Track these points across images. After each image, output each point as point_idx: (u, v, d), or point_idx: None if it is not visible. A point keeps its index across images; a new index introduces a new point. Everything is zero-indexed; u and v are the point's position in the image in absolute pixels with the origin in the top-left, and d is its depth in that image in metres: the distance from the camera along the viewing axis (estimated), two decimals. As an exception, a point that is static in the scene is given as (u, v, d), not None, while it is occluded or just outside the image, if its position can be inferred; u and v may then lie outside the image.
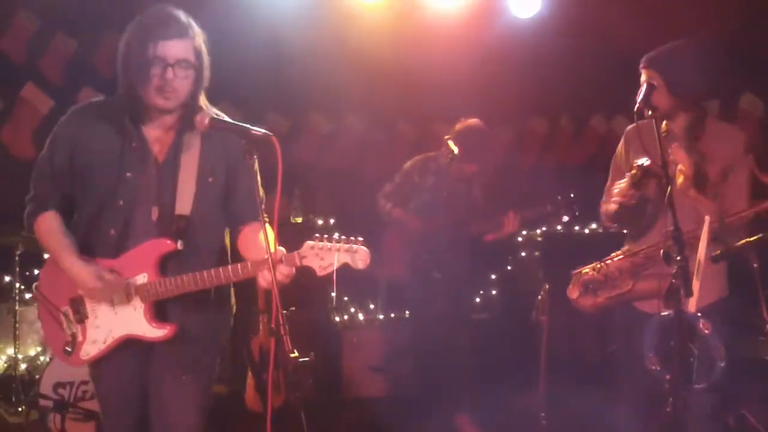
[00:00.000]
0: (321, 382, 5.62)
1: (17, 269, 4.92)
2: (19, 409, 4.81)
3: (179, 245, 2.69)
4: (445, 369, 4.93)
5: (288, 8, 5.64)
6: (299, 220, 6.32)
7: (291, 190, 6.31)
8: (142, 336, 2.71)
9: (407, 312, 6.11)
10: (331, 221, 6.48)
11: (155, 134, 2.72)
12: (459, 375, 4.92)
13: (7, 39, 5.87)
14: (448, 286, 4.88)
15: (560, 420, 3.84)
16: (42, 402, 4.37)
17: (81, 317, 2.75)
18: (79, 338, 2.74)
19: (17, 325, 4.88)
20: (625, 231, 3.50)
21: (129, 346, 2.73)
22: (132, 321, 2.71)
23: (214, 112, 2.68)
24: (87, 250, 2.72)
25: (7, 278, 5.08)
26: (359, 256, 2.60)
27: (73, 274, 2.68)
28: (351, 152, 7.27)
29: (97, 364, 2.77)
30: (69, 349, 2.75)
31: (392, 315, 6.18)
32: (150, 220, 2.71)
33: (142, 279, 2.70)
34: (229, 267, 2.66)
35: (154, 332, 2.71)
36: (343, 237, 2.61)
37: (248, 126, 2.50)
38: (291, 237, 2.68)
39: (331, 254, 2.59)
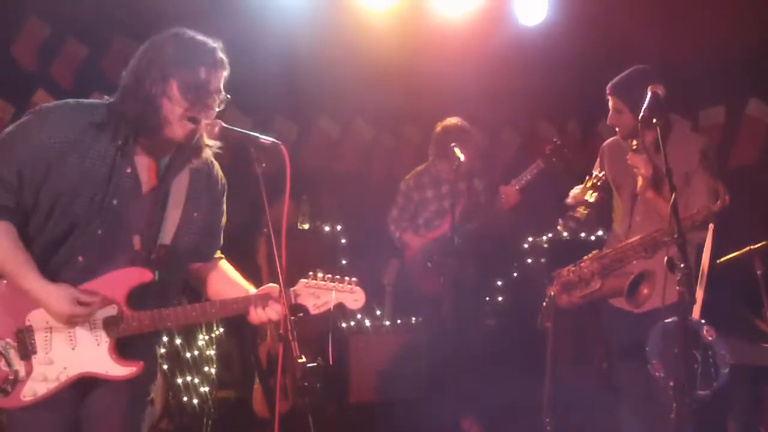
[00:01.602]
0: (328, 388, 5.65)
1: None
2: None
3: (156, 276, 2.50)
4: (453, 373, 4.95)
5: (297, 15, 5.66)
6: (306, 226, 6.34)
7: (299, 195, 6.33)
8: (103, 374, 2.44)
9: (413, 318, 6.14)
10: (338, 227, 6.50)
11: (147, 161, 2.50)
12: (467, 379, 4.94)
13: (18, 45, 5.92)
14: (455, 290, 4.90)
15: (565, 426, 3.84)
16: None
17: (27, 352, 2.40)
18: (22, 376, 2.39)
19: None
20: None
21: (74, 385, 2.43)
22: (94, 357, 2.43)
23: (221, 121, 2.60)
24: (45, 272, 2.39)
25: None
26: (355, 296, 2.62)
27: (39, 296, 2.35)
28: (359, 157, 7.29)
29: (34, 406, 2.40)
30: (8, 389, 2.38)
31: (398, 321, 6.20)
32: (131, 249, 2.48)
33: (110, 311, 2.45)
34: (218, 303, 2.53)
35: (119, 371, 2.45)
36: (337, 277, 2.62)
37: (257, 134, 2.48)
38: (298, 244, 2.69)
39: (328, 293, 2.58)
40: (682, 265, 2.75)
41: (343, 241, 6.34)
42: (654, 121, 3.11)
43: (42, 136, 2.37)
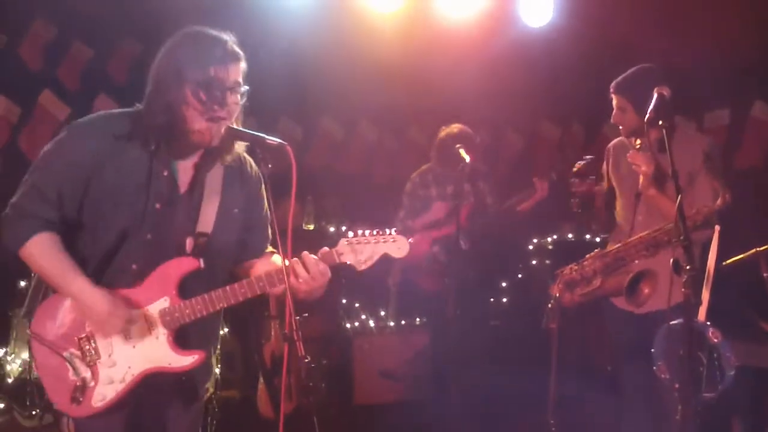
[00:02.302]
0: (333, 388, 5.65)
1: (33, 274, 4.95)
2: (34, 412, 4.85)
3: (201, 263, 2.52)
4: (457, 374, 4.95)
5: (303, 16, 5.68)
6: (311, 227, 6.35)
7: (304, 196, 6.34)
8: (167, 368, 2.47)
9: (417, 319, 6.15)
10: (343, 228, 6.51)
11: (182, 162, 2.54)
12: (471, 380, 4.94)
13: (25, 47, 5.95)
14: (458, 291, 4.90)
15: (570, 427, 3.84)
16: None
17: (92, 358, 2.44)
18: (91, 383, 2.43)
19: (32, 330, 4.92)
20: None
21: (143, 383, 2.46)
22: (155, 352, 2.46)
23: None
24: (100, 284, 2.44)
25: (22, 283, 5.12)
26: (398, 245, 2.54)
27: (83, 300, 2.40)
28: (363, 158, 7.30)
29: (102, 414, 2.43)
30: (79, 397, 2.41)
31: (403, 322, 6.21)
32: (183, 252, 2.52)
33: (163, 303, 2.48)
34: (263, 275, 2.49)
35: (182, 361, 2.48)
36: (376, 230, 2.55)
37: (263, 135, 2.47)
38: (303, 245, 2.68)
39: (370, 247, 2.53)
40: (688, 267, 2.74)
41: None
42: (660, 122, 3.11)
43: (77, 152, 2.42)
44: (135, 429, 2.52)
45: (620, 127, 3.72)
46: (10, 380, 4.99)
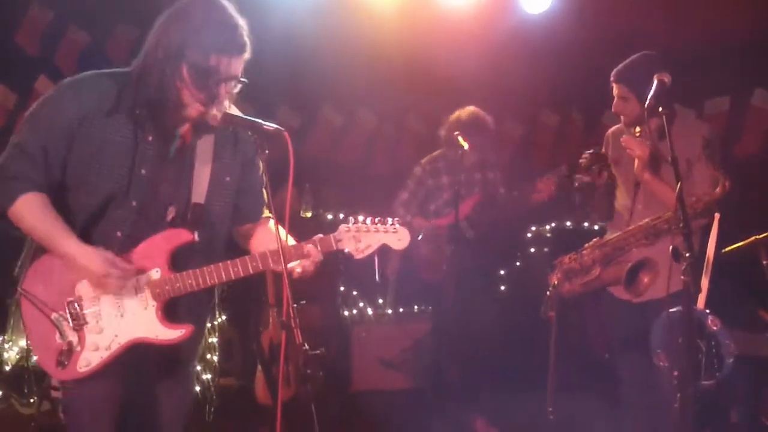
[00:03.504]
0: (331, 376, 5.65)
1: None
2: (32, 400, 4.85)
3: (196, 236, 2.48)
4: (455, 362, 4.95)
5: (301, 4, 5.64)
6: (309, 214, 6.33)
7: (302, 184, 6.32)
8: (153, 339, 2.45)
9: (416, 307, 6.14)
10: (341, 216, 6.50)
11: (167, 127, 2.48)
12: (469, 368, 4.94)
13: (21, 32, 5.91)
14: (458, 279, 4.89)
15: (568, 414, 3.84)
16: (54, 393, 4.41)
17: (79, 323, 2.42)
18: (77, 347, 2.40)
19: (30, 317, 4.91)
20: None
21: (129, 353, 2.44)
22: (142, 323, 2.43)
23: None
24: None
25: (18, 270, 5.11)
26: (399, 235, 2.51)
27: (77, 259, 2.35)
28: (362, 147, 7.28)
29: (90, 378, 2.41)
30: (64, 361, 2.39)
31: (401, 310, 6.20)
32: (164, 220, 2.49)
33: (155, 274, 2.45)
34: (257, 256, 2.45)
35: (169, 334, 2.45)
36: (378, 218, 2.52)
37: (260, 121, 2.45)
38: (300, 232, 2.66)
39: (370, 236, 2.49)
40: (687, 255, 2.73)
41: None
42: (660, 109, 3.09)
43: (63, 109, 2.38)
44: (121, 405, 2.48)
45: (621, 117, 3.69)
46: (7, 368, 4.99)
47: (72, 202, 2.43)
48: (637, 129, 3.63)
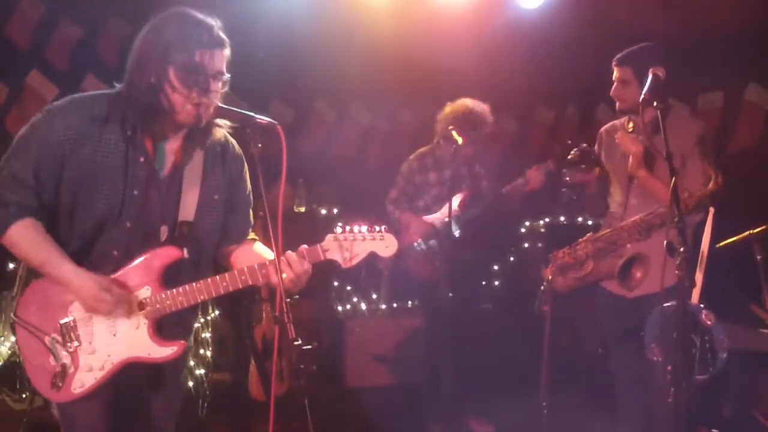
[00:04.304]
0: (324, 371, 5.65)
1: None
2: (24, 395, 4.84)
3: (185, 253, 2.50)
4: (449, 357, 4.94)
5: (294, -2, 5.62)
6: (302, 209, 6.32)
7: (295, 179, 6.31)
8: (146, 358, 2.47)
9: (410, 302, 6.14)
10: (335, 211, 6.48)
11: (165, 144, 2.51)
12: (463, 362, 4.94)
13: (12, 25, 5.86)
14: (451, 274, 4.88)
15: (562, 409, 3.84)
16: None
17: (73, 344, 2.43)
18: (70, 369, 2.42)
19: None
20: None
21: (121, 373, 2.46)
22: (135, 342, 2.45)
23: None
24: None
25: (11, 265, 5.08)
26: (386, 243, 2.50)
27: (71, 283, 2.38)
28: (355, 141, 7.26)
29: (84, 399, 2.43)
30: (59, 383, 2.40)
31: (395, 305, 6.20)
32: (157, 240, 2.49)
33: (145, 293, 2.47)
34: (246, 270, 2.46)
35: (161, 352, 2.47)
36: (365, 227, 2.52)
37: (253, 114, 2.45)
38: (294, 228, 2.65)
39: (357, 245, 2.49)
40: (681, 249, 2.73)
41: (339, 224, 6.31)
42: (655, 103, 3.09)
43: (52, 133, 2.37)
44: (115, 414, 2.50)
45: (617, 103, 3.67)
46: (-1, 363, 4.97)
47: (67, 224, 2.44)
48: (631, 125, 3.63)
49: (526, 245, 6.87)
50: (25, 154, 2.38)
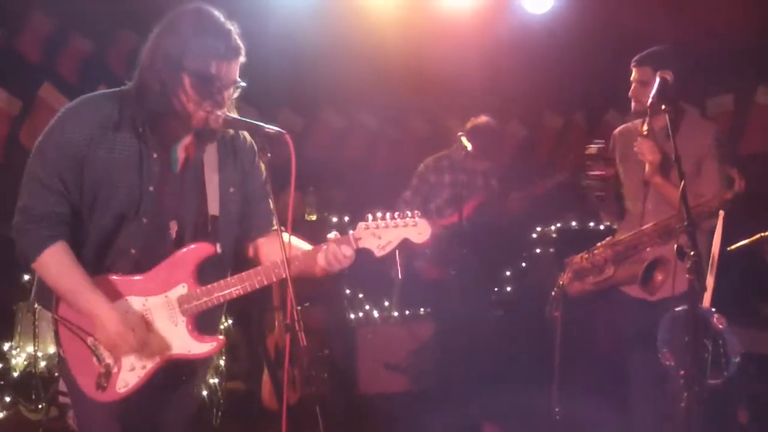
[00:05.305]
0: (336, 378, 5.65)
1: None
2: (39, 406, 4.86)
3: (218, 248, 2.50)
4: (461, 364, 4.95)
5: (301, 6, 5.65)
6: (313, 217, 6.34)
7: (305, 187, 6.32)
8: (186, 354, 2.47)
9: (422, 309, 6.13)
10: (346, 218, 6.49)
11: (175, 143, 2.50)
12: (475, 369, 4.94)
13: (24, 39, 5.93)
14: (461, 280, 4.89)
15: (574, 415, 3.83)
16: (62, 399, 4.41)
17: None
18: (114, 369, 2.42)
19: (37, 323, 4.93)
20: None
21: (161, 370, 2.46)
22: (175, 339, 2.45)
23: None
24: (101, 268, 2.44)
25: (26, 276, 5.12)
26: (419, 228, 2.45)
27: (97, 317, 2.36)
28: (363, 148, 7.28)
29: (128, 398, 2.44)
30: (104, 384, 2.41)
31: (407, 312, 6.20)
32: (169, 236, 2.49)
33: (181, 290, 2.46)
34: (280, 263, 2.41)
35: (201, 348, 2.47)
36: (397, 213, 2.48)
37: (262, 123, 2.45)
38: (305, 235, 2.64)
39: (390, 231, 2.44)
40: (692, 253, 2.72)
41: (351, 231, 6.32)
42: (663, 107, 3.08)
43: (67, 136, 2.38)
44: (134, 412, 2.49)
45: (633, 104, 3.65)
46: (15, 374, 5.00)
47: (86, 223, 2.43)
48: (645, 127, 3.59)
49: (538, 250, 6.86)
50: (46, 160, 2.39)
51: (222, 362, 5.14)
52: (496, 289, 6.49)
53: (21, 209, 2.40)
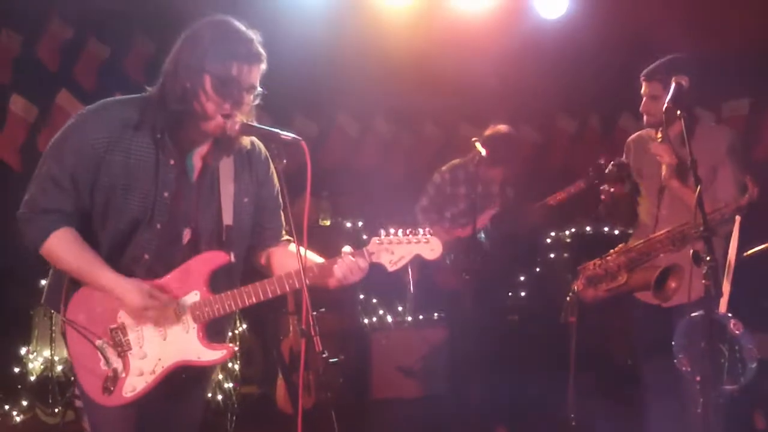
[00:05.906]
0: (350, 383, 5.65)
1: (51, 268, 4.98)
2: (56, 410, 4.90)
3: (232, 257, 2.53)
4: (475, 369, 4.93)
5: (316, 12, 5.67)
6: (327, 223, 6.35)
7: (319, 192, 6.34)
8: (196, 361, 2.49)
9: (435, 314, 6.13)
10: (360, 224, 6.50)
11: (193, 151, 2.53)
12: (489, 374, 4.93)
13: (42, 46, 5.98)
14: (478, 288, 4.88)
15: (590, 421, 3.82)
16: (78, 403, 4.45)
17: (123, 348, 2.46)
18: (122, 373, 2.44)
19: (53, 328, 4.97)
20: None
21: (170, 376, 2.47)
22: (185, 345, 2.47)
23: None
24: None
25: (43, 282, 5.17)
26: (431, 245, 2.51)
27: (116, 291, 2.40)
28: (378, 154, 7.29)
29: (134, 402, 2.45)
30: (110, 387, 2.42)
31: (420, 317, 6.20)
32: (181, 242, 2.51)
33: (193, 297, 2.49)
34: (293, 273, 2.46)
35: (211, 355, 2.49)
36: (410, 229, 2.52)
37: (278, 130, 2.46)
38: (319, 241, 2.66)
39: (402, 248, 2.50)
40: (708, 258, 2.71)
41: (365, 237, 6.34)
42: (678, 112, 3.08)
43: (86, 137, 2.40)
44: (143, 417, 2.50)
45: (645, 117, 3.65)
46: (32, 378, 5.05)
47: (99, 228, 2.46)
48: (659, 135, 3.60)
49: (552, 256, 6.84)
50: (61, 159, 2.40)
51: (237, 367, 5.16)
52: (510, 294, 6.48)
53: (27, 201, 2.43)
